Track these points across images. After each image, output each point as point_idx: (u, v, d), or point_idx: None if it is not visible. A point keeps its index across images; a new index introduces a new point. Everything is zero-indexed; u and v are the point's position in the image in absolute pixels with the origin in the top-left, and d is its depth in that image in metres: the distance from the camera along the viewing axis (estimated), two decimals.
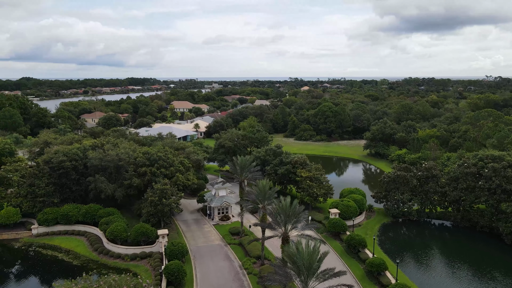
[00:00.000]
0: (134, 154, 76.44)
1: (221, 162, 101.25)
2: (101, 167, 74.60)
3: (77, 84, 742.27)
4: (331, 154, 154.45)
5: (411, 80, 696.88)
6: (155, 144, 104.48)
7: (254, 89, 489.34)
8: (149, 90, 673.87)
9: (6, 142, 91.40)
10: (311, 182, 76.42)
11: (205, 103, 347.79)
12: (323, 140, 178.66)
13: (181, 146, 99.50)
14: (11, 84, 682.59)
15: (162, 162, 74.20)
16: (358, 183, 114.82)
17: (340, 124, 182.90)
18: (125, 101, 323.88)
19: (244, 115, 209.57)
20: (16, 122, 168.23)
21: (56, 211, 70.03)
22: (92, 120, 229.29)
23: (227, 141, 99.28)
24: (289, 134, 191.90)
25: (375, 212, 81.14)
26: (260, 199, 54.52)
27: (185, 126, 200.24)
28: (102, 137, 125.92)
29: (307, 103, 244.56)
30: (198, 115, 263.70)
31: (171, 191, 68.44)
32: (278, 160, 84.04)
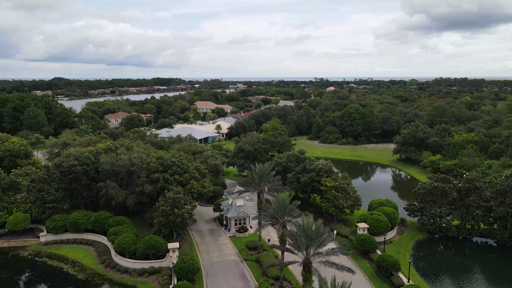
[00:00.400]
0: (147, 159, 72.09)
1: (241, 167, 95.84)
2: (112, 172, 70.69)
3: (105, 84, 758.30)
4: (358, 158, 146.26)
5: (442, 80, 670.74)
6: (172, 147, 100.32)
7: (278, 90, 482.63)
8: (174, 90, 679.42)
9: (22, 144, 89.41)
10: (336, 192, 69.66)
11: (229, 103, 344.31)
12: (349, 143, 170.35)
13: (199, 150, 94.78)
14: (43, 84, 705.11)
15: (176, 168, 69.44)
16: (388, 191, 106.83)
17: (367, 126, 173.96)
18: (149, 101, 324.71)
19: (267, 116, 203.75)
20: (40, 122, 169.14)
21: (65, 218, 66.55)
22: (115, 120, 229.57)
23: (247, 145, 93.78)
24: (314, 136, 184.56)
25: (408, 226, 73.36)
26: (280, 215, 48.52)
27: (207, 127, 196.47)
28: (120, 138, 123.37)
29: (333, 104, 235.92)
30: (221, 116, 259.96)
31: (184, 200, 63.48)
32: (301, 167, 77.68)
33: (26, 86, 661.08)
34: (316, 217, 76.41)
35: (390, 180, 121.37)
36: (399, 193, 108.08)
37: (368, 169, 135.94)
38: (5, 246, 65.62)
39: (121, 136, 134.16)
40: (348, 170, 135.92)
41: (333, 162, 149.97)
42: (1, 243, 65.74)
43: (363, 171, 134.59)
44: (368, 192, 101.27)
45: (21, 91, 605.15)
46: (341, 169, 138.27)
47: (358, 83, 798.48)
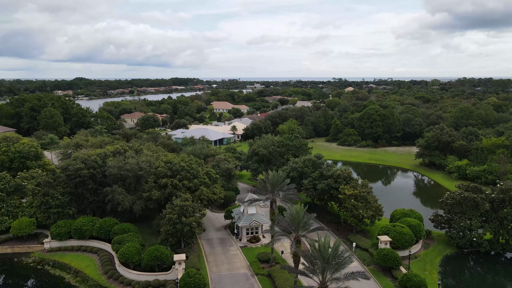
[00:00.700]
0: (156, 163, 68.80)
1: (254, 171, 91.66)
2: (119, 177, 67.71)
3: (124, 84, 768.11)
4: (378, 162, 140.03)
5: (466, 80, 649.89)
6: (184, 149, 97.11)
7: (296, 90, 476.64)
8: (192, 90, 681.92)
9: (32, 145, 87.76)
10: (356, 201, 64.67)
11: (245, 103, 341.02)
12: (369, 146, 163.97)
13: (211, 153, 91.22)
14: (65, 84, 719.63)
15: (185, 173, 65.87)
16: (410, 199, 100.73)
17: (388, 128, 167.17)
18: (165, 101, 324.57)
19: (283, 117, 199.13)
20: (57, 122, 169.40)
21: (70, 224, 63.90)
22: (131, 120, 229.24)
23: (261, 148, 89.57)
24: (332, 138, 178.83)
25: (434, 239, 67.63)
26: (293, 229, 44.14)
27: (222, 128, 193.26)
28: (133, 139, 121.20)
29: (352, 105, 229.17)
30: (237, 117, 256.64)
31: (193, 208, 59.79)
32: (318, 173, 72.94)
33: (48, 86, 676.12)
34: (333, 227, 71.67)
35: (412, 186, 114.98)
36: (422, 200, 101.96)
37: (389, 174, 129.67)
38: (9, 252, 63.50)
39: (134, 137, 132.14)
40: (367, 174, 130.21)
41: (351, 166, 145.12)
42: (5, 248, 63.66)
43: (383, 175, 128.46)
44: (389, 198, 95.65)
45: (43, 90, 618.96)
46: (360, 173, 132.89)
47: (378, 84, 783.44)
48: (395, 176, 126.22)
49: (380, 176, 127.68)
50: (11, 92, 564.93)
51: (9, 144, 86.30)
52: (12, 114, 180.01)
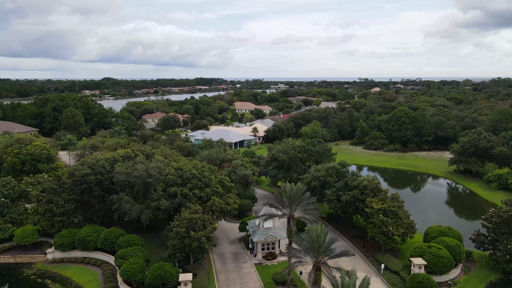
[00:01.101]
0: (166, 170, 64.00)
1: (273, 178, 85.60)
2: (127, 184, 63.32)
3: (149, 84, 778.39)
4: (407, 168, 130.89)
5: (500, 80, 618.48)
6: (200, 153, 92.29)
7: (320, 90, 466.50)
8: (216, 90, 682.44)
9: (44, 148, 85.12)
10: (385, 217, 57.56)
11: (268, 104, 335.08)
12: (397, 150, 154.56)
13: (227, 158, 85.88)
14: (93, 84, 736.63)
15: (196, 182, 60.68)
16: (444, 209, 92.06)
17: (418, 132, 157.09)
18: (188, 101, 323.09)
19: (307, 119, 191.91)
20: (78, 122, 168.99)
21: (74, 234, 59.98)
22: (152, 120, 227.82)
23: (280, 154, 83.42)
24: (357, 141, 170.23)
25: (476, 262, 59.51)
26: (314, 254, 37.97)
27: (243, 130, 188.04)
28: (150, 141, 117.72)
29: (379, 106, 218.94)
30: (259, 118, 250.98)
31: (203, 221, 54.47)
32: (342, 183, 66.12)
33: (77, 85, 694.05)
34: (359, 243, 64.68)
35: (445, 195, 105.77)
36: (456, 210, 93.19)
37: (419, 181, 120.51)
38: (11, 262, 60.28)
39: (152, 138, 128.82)
40: (395, 181, 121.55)
41: (378, 171, 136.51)
42: (7, 258, 60.47)
43: (413, 183, 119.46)
44: (420, 209, 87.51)
45: (72, 90, 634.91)
46: (387, 179, 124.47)
47: (406, 84, 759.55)
48: (427, 184, 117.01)
49: (410, 183, 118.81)
50: (42, 91, 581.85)
51: (21, 146, 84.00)
52: (36, 114, 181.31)
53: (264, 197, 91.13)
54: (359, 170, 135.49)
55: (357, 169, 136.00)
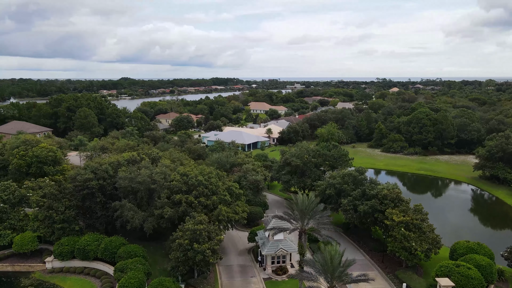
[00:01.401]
0: (171, 175, 60.44)
1: (286, 183, 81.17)
2: (131, 190, 60.05)
3: (165, 84, 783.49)
4: (428, 173, 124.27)
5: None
6: (210, 157, 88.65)
7: (337, 90, 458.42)
8: (231, 90, 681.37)
9: (51, 150, 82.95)
10: (407, 231, 52.49)
11: (283, 104, 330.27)
12: (417, 153, 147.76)
13: (238, 162, 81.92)
14: (110, 84, 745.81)
15: (202, 189, 56.87)
16: (469, 219, 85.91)
17: (440, 135, 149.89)
18: (202, 101, 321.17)
19: (323, 120, 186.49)
20: (91, 122, 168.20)
21: (73, 242, 57.01)
22: (166, 121, 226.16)
23: (294, 158, 78.93)
24: (375, 144, 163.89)
25: (508, 281, 53.79)
26: (328, 279, 33.53)
27: (257, 131, 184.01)
28: (160, 143, 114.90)
29: (398, 107, 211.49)
30: (274, 118, 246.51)
31: (208, 232, 50.60)
32: (360, 192, 61.25)
33: (95, 85, 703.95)
34: (377, 257, 59.75)
35: (470, 203, 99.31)
36: (482, 219, 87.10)
37: (442, 187, 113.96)
38: (9, 270, 57.73)
39: (163, 140, 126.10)
40: (415, 186, 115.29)
41: (397, 176, 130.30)
42: (5, 266, 57.97)
43: (435, 189, 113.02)
44: (442, 218, 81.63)
45: (90, 90, 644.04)
46: (406, 184, 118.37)
47: (425, 84, 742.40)
48: (450, 190, 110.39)
49: (431, 189, 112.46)
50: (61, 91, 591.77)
51: (27, 148, 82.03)
52: (50, 114, 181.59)
53: (276, 203, 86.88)
54: (376, 174, 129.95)
55: (375, 173, 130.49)
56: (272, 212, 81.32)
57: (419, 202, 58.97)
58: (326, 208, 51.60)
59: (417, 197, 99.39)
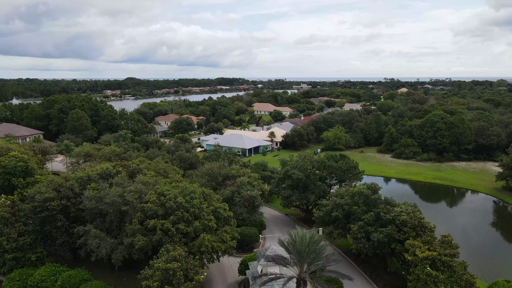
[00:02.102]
0: (147, 195, 50.53)
1: (286, 199, 70.90)
2: (98, 212, 50.36)
3: (170, 84, 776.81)
4: (445, 182, 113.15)
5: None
6: (200, 168, 78.73)
7: (344, 91, 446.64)
8: (237, 90, 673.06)
9: (21, 159, 73.57)
10: (434, 270, 42.02)
11: (289, 105, 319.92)
12: (432, 160, 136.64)
13: (232, 173, 71.89)
14: (115, 83, 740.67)
15: (181, 213, 46.93)
16: (501, 244, 74.38)
17: (456, 139, 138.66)
18: (205, 102, 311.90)
19: (329, 123, 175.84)
20: (83, 125, 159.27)
21: (26, 276, 47.35)
22: (165, 123, 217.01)
23: (295, 171, 68.74)
24: (385, 149, 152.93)
25: None
26: None
27: (259, 134, 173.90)
28: (151, 149, 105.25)
29: (409, 109, 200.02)
30: (278, 120, 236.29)
31: (185, 271, 40.63)
32: (373, 216, 50.87)
33: (100, 85, 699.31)
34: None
35: (495, 219, 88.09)
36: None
37: (461, 200, 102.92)
38: None
39: (155, 145, 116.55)
40: (432, 198, 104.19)
41: (410, 185, 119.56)
42: None
43: (454, 202, 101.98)
44: (468, 242, 70.68)
45: (95, 90, 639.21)
46: (419, 192, 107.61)
47: (434, 84, 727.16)
48: (471, 203, 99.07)
49: (449, 202, 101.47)
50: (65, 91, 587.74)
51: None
52: (43, 115, 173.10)
53: (276, 221, 76.73)
54: (387, 181, 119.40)
55: (385, 181, 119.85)
56: (270, 231, 71.24)
57: (438, 218, 48.78)
58: (336, 222, 41.58)
59: (434, 212, 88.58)
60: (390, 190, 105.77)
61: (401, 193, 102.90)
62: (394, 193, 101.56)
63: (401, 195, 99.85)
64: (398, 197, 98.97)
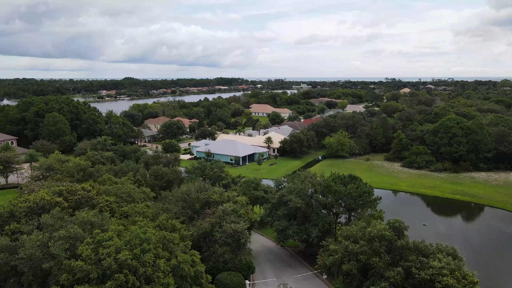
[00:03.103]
0: (80, 247, 35.54)
1: (281, 233, 55.77)
2: (11, 270, 35.47)
3: (168, 84, 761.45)
4: (466, 198, 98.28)
5: None
6: (175, 191, 63.72)
7: (345, 91, 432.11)
8: (236, 90, 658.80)
9: None
10: None
11: (288, 107, 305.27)
12: (447, 170, 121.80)
13: (213, 199, 56.92)
14: (111, 84, 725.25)
15: (124, 278, 32.05)
16: None
17: (474, 147, 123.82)
18: (200, 103, 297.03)
19: (331, 127, 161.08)
20: (60, 129, 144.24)
21: None
22: (155, 126, 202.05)
23: (293, 196, 53.87)
24: (394, 156, 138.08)
25: None
26: None
27: (255, 140, 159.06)
28: (126, 161, 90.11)
29: (417, 112, 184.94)
30: (276, 123, 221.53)
31: None
32: (401, 274, 36.00)
33: (95, 85, 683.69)
34: None
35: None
36: None
37: (487, 221, 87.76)
38: None
39: (133, 155, 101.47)
40: (452, 218, 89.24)
41: (425, 200, 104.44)
42: None
43: (479, 224, 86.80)
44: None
45: (90, 91, 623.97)
46: (434, 209, 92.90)
47: (436, 84, 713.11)
48: (501, 227, 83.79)
49: (474, 225, 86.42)
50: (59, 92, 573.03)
51: None
52: (18, 119, 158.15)
53: (268, 256, 61.69)
54: (395, 194, 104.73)
55: (396, 194, 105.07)
56: (261, 272, 56.35)
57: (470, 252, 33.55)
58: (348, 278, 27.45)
59: (463, 239, 73.68)
60: (404, 208, 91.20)
61: (418, 213, 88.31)
62: (410, 212, 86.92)
63: (418, 216, 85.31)
64: (415, 218, 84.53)
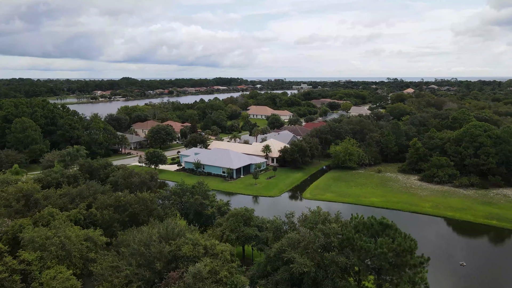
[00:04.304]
0: None
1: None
2: None
3: (166, 84, 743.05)
4: (505, 224, 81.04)
5: None
6: (133, 238, 46.30)
7: (347, 92, 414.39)
8: (235, 91, 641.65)
9: None
10: None
11: (288, 108, 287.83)
12: (474, 185, 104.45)
13: (182, 253, 39.42)
14: (106, 84, 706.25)
15: None
16: None
17: (506, 158, 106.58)
18: (195, 104, 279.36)
19: (337, 134, 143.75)
20: (30, 137, 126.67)
21: None
22: (143, 131, 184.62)
23: (296, 255, 36.67)
24: (409, 168, 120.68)
25: None
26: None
27: (252, 148, 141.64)
28: (90, 182, 72.50)
29: (432, 116, 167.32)
30: (276, 127, 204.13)
31: None
32: None
33: (90, 86, 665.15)
34: None
35: None
36: None
37: None
38: None
39: (102, 171, 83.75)
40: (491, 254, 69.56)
41: (454, 226, 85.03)
42: None
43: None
44: None
45: (84, 91, 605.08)
46: (478, 247, 75.56)
47: (440, 84, 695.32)
48: None
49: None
50: (52, 92, 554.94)
51: None
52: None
53: None
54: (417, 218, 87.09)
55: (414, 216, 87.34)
56: None
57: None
58: None
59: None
60: (431, 238, 72.67)
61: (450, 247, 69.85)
62: (439, 245, 67.15)
63: (450, 250, 65.67)
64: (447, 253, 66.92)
